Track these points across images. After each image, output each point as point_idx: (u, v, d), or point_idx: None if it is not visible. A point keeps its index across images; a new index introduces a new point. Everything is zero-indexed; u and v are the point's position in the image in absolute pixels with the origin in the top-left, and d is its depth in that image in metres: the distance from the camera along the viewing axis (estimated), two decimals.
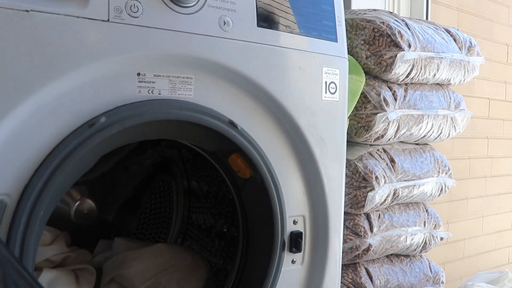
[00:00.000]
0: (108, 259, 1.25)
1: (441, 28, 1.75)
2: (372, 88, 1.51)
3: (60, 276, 1.11)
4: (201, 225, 1.41)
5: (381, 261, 1.64)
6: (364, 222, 1.52)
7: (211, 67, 0.97)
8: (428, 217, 1.74)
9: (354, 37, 1.52)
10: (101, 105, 0.86)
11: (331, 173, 1.17)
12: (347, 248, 1.49)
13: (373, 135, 1.52)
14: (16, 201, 0.78)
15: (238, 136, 1.01)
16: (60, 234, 1.20)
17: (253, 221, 1.15)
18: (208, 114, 0.97)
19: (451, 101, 1.76)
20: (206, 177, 1.37)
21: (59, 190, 0.87)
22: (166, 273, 1.21)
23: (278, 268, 1.10)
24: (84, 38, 0.82)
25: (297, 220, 1.14)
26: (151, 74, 0.91)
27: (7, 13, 0.75)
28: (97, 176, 1.30)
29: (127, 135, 0.94)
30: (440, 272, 1.79)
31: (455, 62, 1.71)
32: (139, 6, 0.87)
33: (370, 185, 1.48)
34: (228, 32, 0.98)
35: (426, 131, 1.68)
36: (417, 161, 1.67)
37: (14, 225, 0.78)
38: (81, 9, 0.82)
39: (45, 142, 0.81)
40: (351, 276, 1.53)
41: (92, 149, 0.85)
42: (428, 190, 1.71)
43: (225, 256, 1.31)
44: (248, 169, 1.07)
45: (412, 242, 1.67)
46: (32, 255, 0.81)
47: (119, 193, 1.40)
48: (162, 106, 0.92)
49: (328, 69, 1.14)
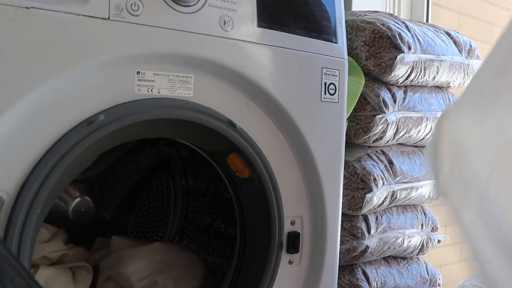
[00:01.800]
0: (105, 257, 1.25)
1: (441, 30, 1.75)
2: (372, 90, 1.51)
3: (57, 274, 1.11)
4: (199, 224, 1.41)
5: (378, 263, 1.64)
6: (361, 223, 1.52)
7: (211, 66, 0.97)
8: (425, 220, 1.74)
9: (354, 38, 1.52)
10: (100, 103, 0.86)
11: (330, 174, 1.17)
12: (345, 249, 1.49)
13: (371, 136, 1.52)
14: (14, 198, 0.78)
15: (236, 136, 1.01)
16: (57, 232, 1.20)
17: (251, 221, 1.14)
18: (207, 113, 0.97)
19: (450, 103, 1.76)
20: (204, 176, 1.37)
21: (57, 187, 0.87)
22: (163, 272, 1.21)
23: (275, 269, 1.10)
24: (84, 36, 0.82)
25: (294, 221, 1.14)
26: (151, 72, 0.91)
27: (7, 10, 0.75)
28: (95, 174, 1.30)
29: (125, 133, 0.94)
30: (437, 274, 1.80)
31: (455, 65, 1.71)
32: (140, 5, 0.87)
33: (368, 186, 1.48)
34: (228, 32, 0.98)
35: (425, 133, 1.68)
36: (416, 163, 1.67)
37: (11, 222, 0.78)
38: (82, 7, 0.82)
39: (43, 139, 0.80)
40: (348, 277, 1.53)
41: (91, 147, 0.85)
42: (426, 192, 1.71)
43: (222, 255, 1.31)
44: (246, 169, 1.07)
45: (409, 244, 1.67)
46: (29, 252, 0.81)
47: (117, 191, 1.40)
48: (161, 104, 0.92)
49: (327, 70, 1.14)
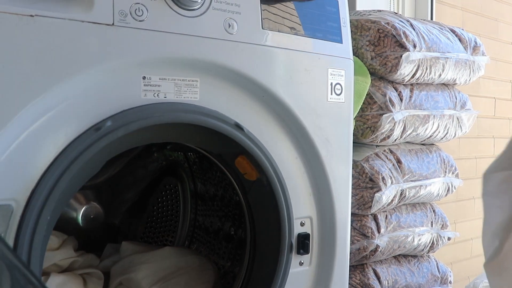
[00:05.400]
0: (115, 263, 1.25)
1: (446, 28, 1.75)
2: (378, 89, 1.51)
3: (67, 281, 1.11)
4: (208, 227, 1.41)
5: (389, 262, 1.63)
6: (371, 223, 1.52)
7: (217, 69, 0.97)
8: (435, 217, 1.73)
9: (359, 38, 1.52)
10: (107, 109, 0.86)
11: (338, 174, 1.16)
12: (355, 249, 1.48)
13: (379, 136, 1.52)
14: (23, 206, 0.78)
15: (244, 139, 1.01)
16: (67, 239, 1.21)
17: (260, 223, 1.14)
18: (214, 116, 0.97)
19: (457, 101, 1.75)
20: (213, 180, 1.37)
21: (66, 194, 0.87)
22: (173, 276, 1.21)
23: (285, 270, 1.10)
24: (89, 42, 0.82)
25: (304, 222, 1.14)
26: (157, 77, 0.91)
27: (12, 18, 0.75)
28: (103, 180, 1.30)
29: (133, 138, 0.94)
30: (448, 272, 1.79)
31: (460, 62, 1.70)
32: (144, 10, 0.87)
33: (376, 186, 1.47)
34: (233, 35, 0.98)
35: (432, 131, 1.67)
36: (424, 161, 1.67)
37: (21, 230, 0.78)
38: (86, 14, 0.82)
39: (51, 146, 0.81)
40: (359, 277, 1.53)
41: (98, 153, 0.85)
42: (435, 190, 1.70)
43: (233, 258, 1.31)
44: (254, 171, 1.07)
45: (419, 242, 1.66)
46: (40, 260, 0.81)
47: (126, 196, 1.40)
48: (167, 109, 0.92)
49: (333, 70, 1.14)
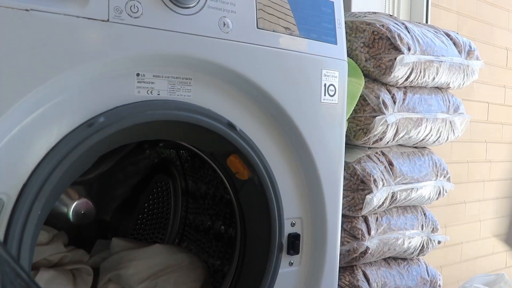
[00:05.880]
0: (105, 259, 1.25)
1: (441, 31, 1.75)
2: (371, 91, 1.51)
3: (57, 276, 1.11)
4: (199, 226, 1.41)
5: (379, 264, 1.64)
6: (361, 224, 1.52)
7: (211, 68, 0.97)
8: (426, 221, 1.74)
9: (354, 39, 1.52)
10: (100, 105, 0.86)
11: (329, 175, 1.17)
12: (345, 251, 1.49)
13: (371, 138, 1.52)
14: (14, 200, 0.78)
15: (236, 138, 1.01)
16: (57, 234, 1.20)
17: (251, 222, 1.14)
18: (206, 115, 0.97)
19: (450, 104, 1.76)
20: (204, 178, 1.37)
21: (57, 189, 0.87)
22: (163, 274, 1.21)
23: (275, 270, 1.10)
24: (83, 38, 0.82)
25: (294, 222, 1.14)
26: (151, 74, 0.91)
27: (6, 12, 0.75)
28: (95, 176, 1.30)
29: (125, 135, 0.94)
30: (437, 275, 1.79)
31: (454, 66, 1.71)
32: (139, 7, 0.87)
33: (368, 187, 1.48)
34: (228, 34, 0.98)
35: (424, 134, 1.68)
36: (416, 164, 1.67)
37: (11, 224, 0.78)
38: (81, 9, 0.82)
39: (43, 141, 0.81)
40: (348, 278, 1.53)
41: (91, 149, 0.85)
42: (426, 193, 1.71)
43: (223, 257, 1.31)
44: (246, 170, 1.07)
45: (409, 245, 1.67)
46: (29, 254, 0.81)
47: (117, 193, 1.40)
48: (161, 106, 0.92)
49: (327, 71, 1.15)
